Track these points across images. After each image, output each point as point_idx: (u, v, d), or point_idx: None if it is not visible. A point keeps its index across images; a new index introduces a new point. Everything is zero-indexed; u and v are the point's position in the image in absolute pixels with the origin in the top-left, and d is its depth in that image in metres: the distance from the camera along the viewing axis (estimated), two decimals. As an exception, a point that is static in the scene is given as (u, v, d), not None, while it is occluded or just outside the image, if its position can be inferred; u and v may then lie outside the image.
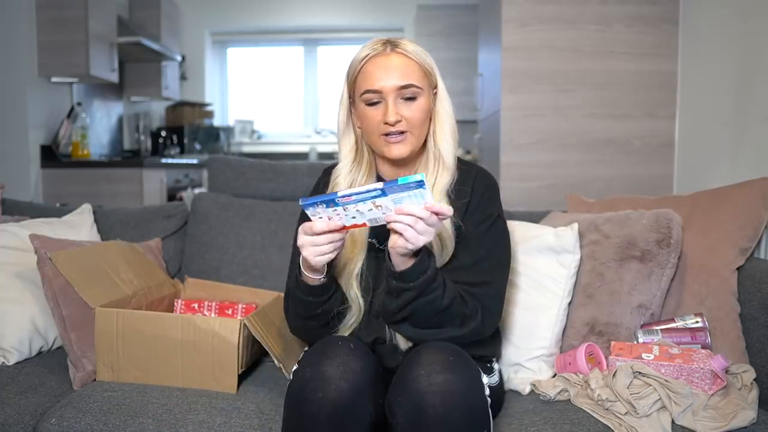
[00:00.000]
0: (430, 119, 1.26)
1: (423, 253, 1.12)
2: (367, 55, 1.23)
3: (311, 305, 1.22)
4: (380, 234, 1.27)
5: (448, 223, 1.21)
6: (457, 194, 1.25)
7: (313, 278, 1.19)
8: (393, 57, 1.22)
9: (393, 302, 1.16)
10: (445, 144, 1.26)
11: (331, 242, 1.10)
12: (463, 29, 4.56)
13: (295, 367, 1.11)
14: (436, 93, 1.27)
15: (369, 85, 1.21)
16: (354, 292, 1.26)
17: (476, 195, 1.27)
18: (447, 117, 1.27)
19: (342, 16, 5.31)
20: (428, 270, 1.13)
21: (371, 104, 1.22)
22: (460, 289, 1.19)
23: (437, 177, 1.25)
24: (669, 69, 2.37)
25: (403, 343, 1.24)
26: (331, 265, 1.20)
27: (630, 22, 2.39)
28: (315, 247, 1.10)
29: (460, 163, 1.30)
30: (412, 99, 1.21)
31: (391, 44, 1.24)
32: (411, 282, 1.12)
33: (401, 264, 1.12)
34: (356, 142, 1.30)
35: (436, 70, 1.27)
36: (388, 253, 1.14)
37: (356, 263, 1.26)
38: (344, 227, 1.10)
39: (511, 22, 2.42)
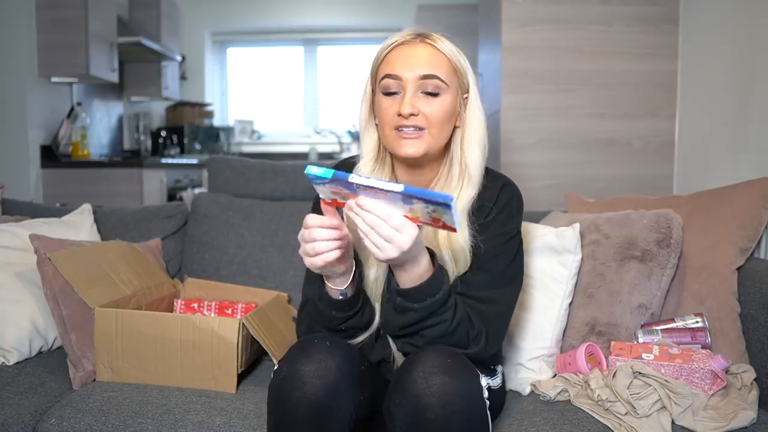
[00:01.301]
0: (456, 126, 1.19)
1: (437, 271, 1.06)
2: (395, 42, 1.16)
3: (333, 320, 1.14)
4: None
5: (464, 237, 1.15)
6: (478, 210, 1.19)
7: (335, 289, 1.11)
8: (420, 47, 1.15)
9: (397, 318, 1.09)
10: (473, 156, 1.18)
11: (323, 240, 0.99)
12: (463, 29, 4.53)
13: (276, 367, 1.10)
14: (467, 98, 1.20)
15: (389, 70, 1.14)
16: (375, 310, 1.21)
17: (497, 209, 1.20)
18: (478, 125, 1.19)
19: (342, 16, 5.31)
20: (438, 292, 1.06)
21: (388, 93, 1.15)
22: (467, 307, 1.13)
23: (461, 191, 1.18)
24: (669, 69, 2.37)
25: (400, 360, 1.21)
26: (357, 278, 1.13)
27: (630, 22, 2.38)
28: (304, 245, 1.01)
29: (488, 175, 1.22)
30: (434, 95, 1.14)
31: (422, 35, 1.16)
32: (416, 303, 1.06)
33: (406, 281, 1.05)
34: (378, 140, 1.21)
35: (470, 74, 1.19)
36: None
37: (381, 283, 1.20)
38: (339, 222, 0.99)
39: (511, 22, 2.41)
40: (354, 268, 1.12)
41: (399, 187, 0.89)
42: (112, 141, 4.40)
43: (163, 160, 4.08)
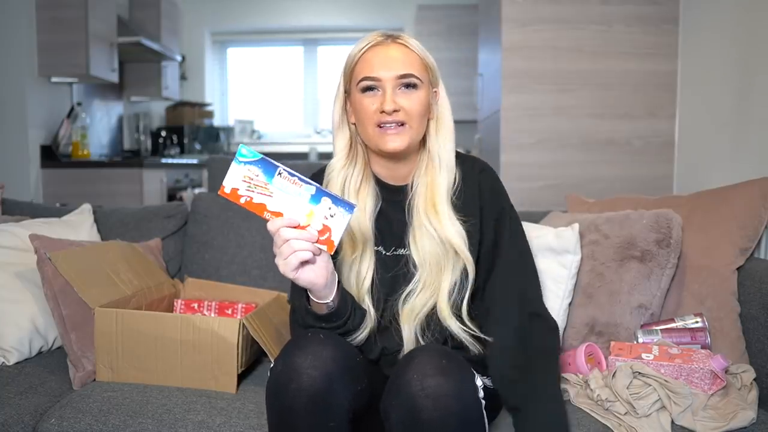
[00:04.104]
0: (429, 119, 1.23)
1: None
2: (367, 44, 1.21)
3: (327, 330, 1.14)
4: (386, 241, 1.24)
5: (456, 228, 1.18)
6: (461, 195, 1.23)
7: (321, 304, 1.11)
8: (393, 47, 1.19)
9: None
10: (447, 144, 1.23)
11: (295, 238, 1.01)
12: (463, 29, 4.56)
13: (272, 364, 1.10)
14: (436, 92, 1.24)
15: (367, 72, 1.18)
16: (366, 305, 1.21)
17: (486, 191, 1.24)
18: (448, 118, 1.24)
19: (342, 16, 5.31)
20: None
21: (367, 91, 1.18)
22: (515, 305, 1.21)
23: (442, 180, 1.21)
24: (669, 69, 2.37)
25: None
26: (340, 287, 1.14)
27: (630, 22, 2.39)
28: (279, 249, 1.03)
29: (460, 159, 1.26)
30: (411, 87, 1.18)
31: (392, 36, 1.21)
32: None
33: None
34: (351, 138, 1.26)
35: (438, 71, 1.24)
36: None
37: (367, 275, 1.22)
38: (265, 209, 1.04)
39: (511, 22, 2.42)
40: (337, 279, 1.13)
41: (314, 185, 1.03)
42: (112, 141, 4.40)
43: (163, 160, 4.08)
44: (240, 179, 1.03)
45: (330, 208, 1.02)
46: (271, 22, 5.41)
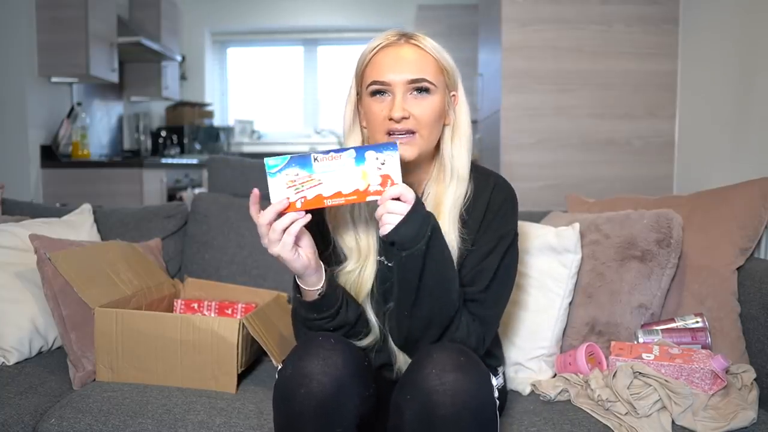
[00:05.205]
0: (445, 124, 1.18)
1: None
2: (379, 44, 1.15)
3: (320, 322, 1.14)
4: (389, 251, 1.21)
5: (452, 243, 1.15)
6: (471, 211, 1.18)
7: (309, 290, 1.12)
8: (406, 48, 1.14)
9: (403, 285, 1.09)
10: (462, 153, 1.18)
11: (277, 220, 1.04)
12: (463, 29, 4.56)
13: (279, 366, 1.09)
14: (454, 96, 1.19)
15: (376, 76, 1.13)
16: (368, 314, 1.20)
17: (491, 211, 1.18)
18: (466, 126, 1.19)
19: (342, 16, 5.31)
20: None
21: (377, 95, 1.14)
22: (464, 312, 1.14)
23: (450, 189, 1.17)
24: (669, 69, 2.37)
25: (403, 365, 1.20)
26: (328, 274, 1.13)
27: (631, 22, 2.39)
28: (266, 237, 1.06)
29: (476, 172, 1.21)
30: (424, 92, 1.13)
31: (407, 36, 1.15)
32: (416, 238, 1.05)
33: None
34: (362, 143, 1.21)
35: (457, 73, 1.18)
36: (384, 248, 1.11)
37: (366, 284, 1.20)
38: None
39: (511, 22, 2.42)
40: (322, 266, 1.13)
41: (351, 148, 1.03)
42: (112, 141, 4.40)
43: (163, 160, 4.08)
44: (284, 188, 1.03)
45: (377, 158, 1.02)
46: (271, 22, 5.41)
